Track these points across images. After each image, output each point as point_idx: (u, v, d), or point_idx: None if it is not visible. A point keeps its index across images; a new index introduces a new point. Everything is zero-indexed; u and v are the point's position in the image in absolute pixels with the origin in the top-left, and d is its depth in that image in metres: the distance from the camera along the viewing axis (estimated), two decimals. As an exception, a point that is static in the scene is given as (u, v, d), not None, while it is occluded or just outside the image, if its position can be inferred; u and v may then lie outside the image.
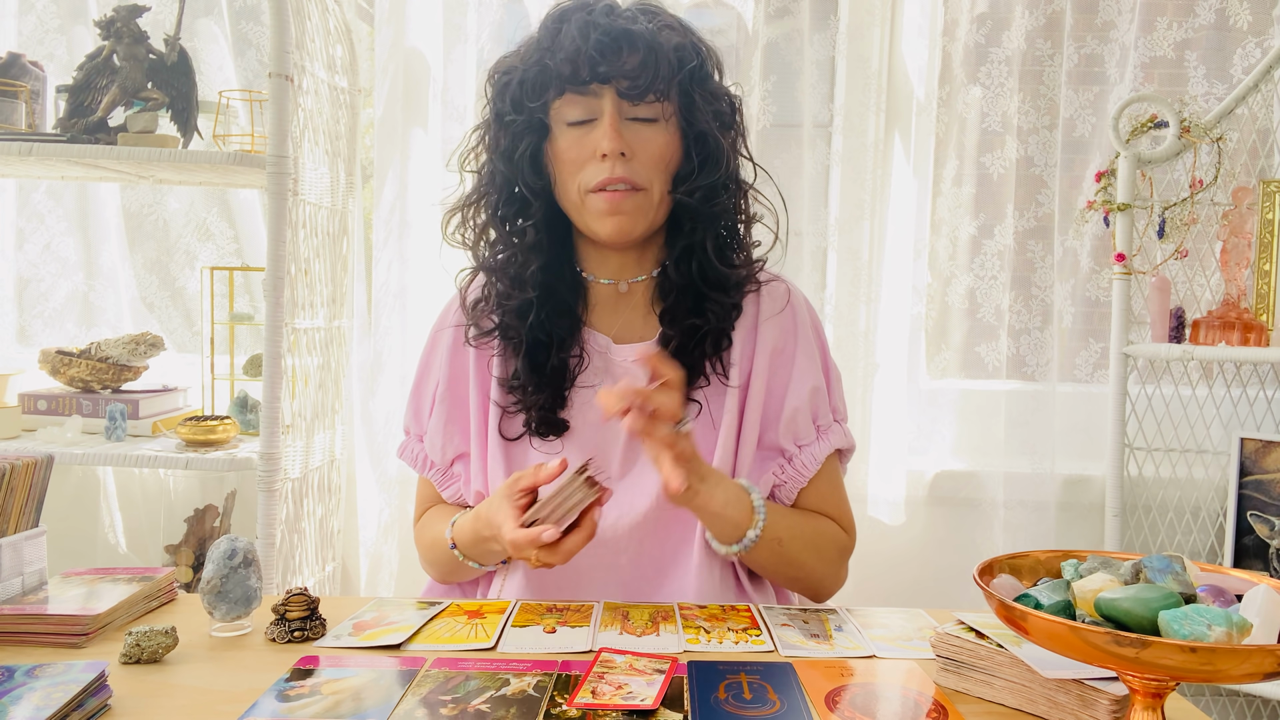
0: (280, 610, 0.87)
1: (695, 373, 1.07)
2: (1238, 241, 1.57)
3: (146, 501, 1.89)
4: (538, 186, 1.04)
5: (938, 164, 1.82)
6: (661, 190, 1.03)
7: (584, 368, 1.09)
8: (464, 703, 0.72)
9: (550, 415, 1.07)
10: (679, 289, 1.07)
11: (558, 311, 1.08)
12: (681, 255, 1.06)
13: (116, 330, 1.89)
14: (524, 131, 1.02)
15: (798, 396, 1.09)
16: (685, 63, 1.00)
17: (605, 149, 0.98)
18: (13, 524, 0.89)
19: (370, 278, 1.85)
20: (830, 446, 1.10)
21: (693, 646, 0.86)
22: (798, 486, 1.09)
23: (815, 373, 1.11)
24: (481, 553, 1.03)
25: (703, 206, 1.03)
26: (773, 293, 1.12)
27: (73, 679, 0.70)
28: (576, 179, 1.02)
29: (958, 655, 0.79)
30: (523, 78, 1.00)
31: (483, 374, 1.11)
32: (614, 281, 1.11)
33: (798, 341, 1.11)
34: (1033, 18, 1.76)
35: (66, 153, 1.48)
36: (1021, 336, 1.81)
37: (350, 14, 1.80)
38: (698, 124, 1.02)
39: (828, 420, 1.11)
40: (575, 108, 1.00)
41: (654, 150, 1.01)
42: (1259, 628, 0.60)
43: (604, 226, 1.02)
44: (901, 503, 1.81)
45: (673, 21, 1.04)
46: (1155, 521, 1.73)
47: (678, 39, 1.01)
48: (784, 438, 1.09)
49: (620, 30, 0.97)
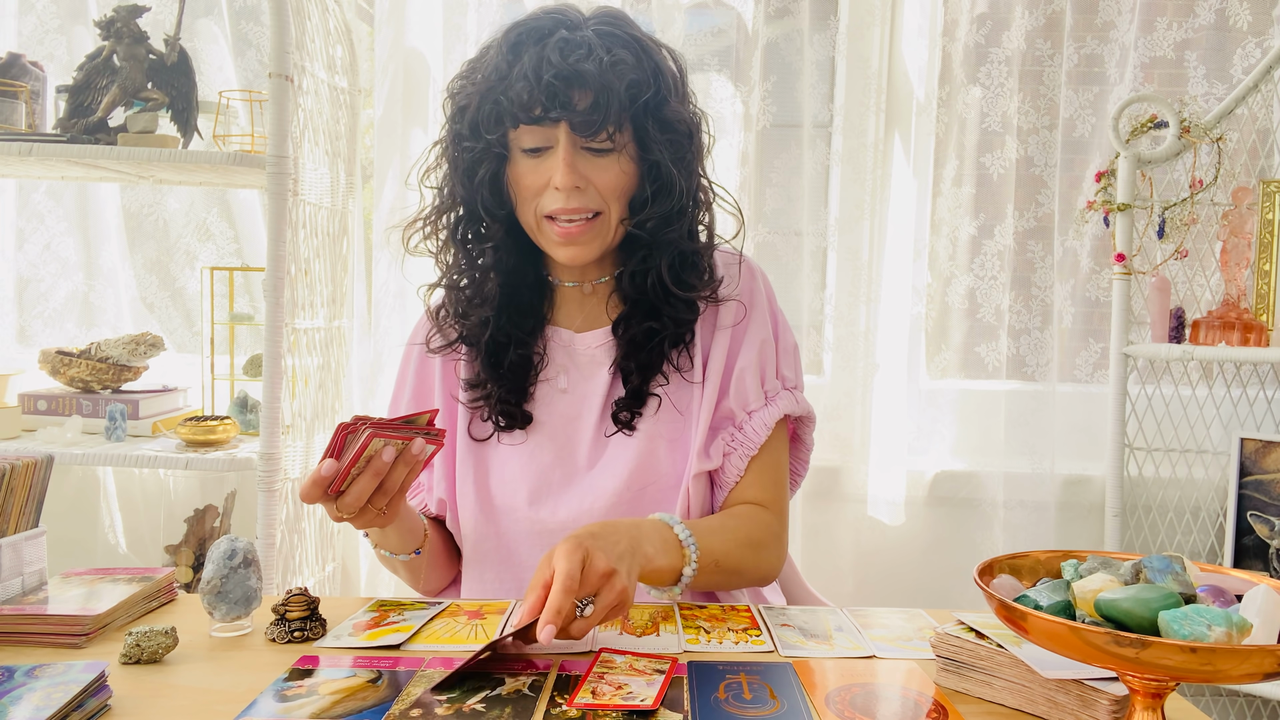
0: (280, 610, 0.87)
1: (653, 370, 1.08)
2: (1238, 241, 1.57)
3: (146, 502, 1.89)
4: (497, 211, 1.05)
5: (938, 164, 1.82)
6: (619, 212, 1.04)
7: (545, 364, 1.11)
8: (459, 702, 0.72)
9: (513, 409, 1.09)
10: (633, 300, 1.08)
11: (520, 313, 1.10)
12: (635, 272, 1.07)
13: (116, 330, 1.89)
14: (482, 157, 1.03)
15: (745, 358, 1.09)
16: (639, 97, 1.00)
17: (558, 183, 0.99)
18: (13, 524, 0.89)
19: (370, 278, 1.85)
20: (779, 411, 1.09)
21: (693, 646, 0.86)
22: (749, 454, 1.08)
23: (763, 333, 1.11)
24: (378, 539, 1.03)
25: (656, 235, 1.04)
26: (730, 278, 1.11)
27: (73, 679, 0.70)
28: (533, 204, 1.03)
29: (958, 655, 0.79)
30: (479, 107, 1.01)
31: (449, 379, 1.14)
32: (578, 284, 1.13)
33: (752, 311, 1.12)
34: (1033, 18, 1.76)
35: (66, 153, 1.48)
36: (1021, 337, 1.81)
37: (350, 14, 1.80)
38: (651, 154, 1.02)
39: (775, 386, 1.11)
40: (531, 136, 1.00)
41: (608, 180, 1.02)
42: (1259, 628, 0.59)
43: (559, 254, 1.04)
44: (901, 503, 1.81)
45: (631, 49, 1.01)
46: (1155, 521, 1.73)
47: (633, 74, 0.99)
48: (735, 402, 1.09)
49: (571, 72, 0.96)
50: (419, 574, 1.12)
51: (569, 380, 1.11)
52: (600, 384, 1.10)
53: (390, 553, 1.05)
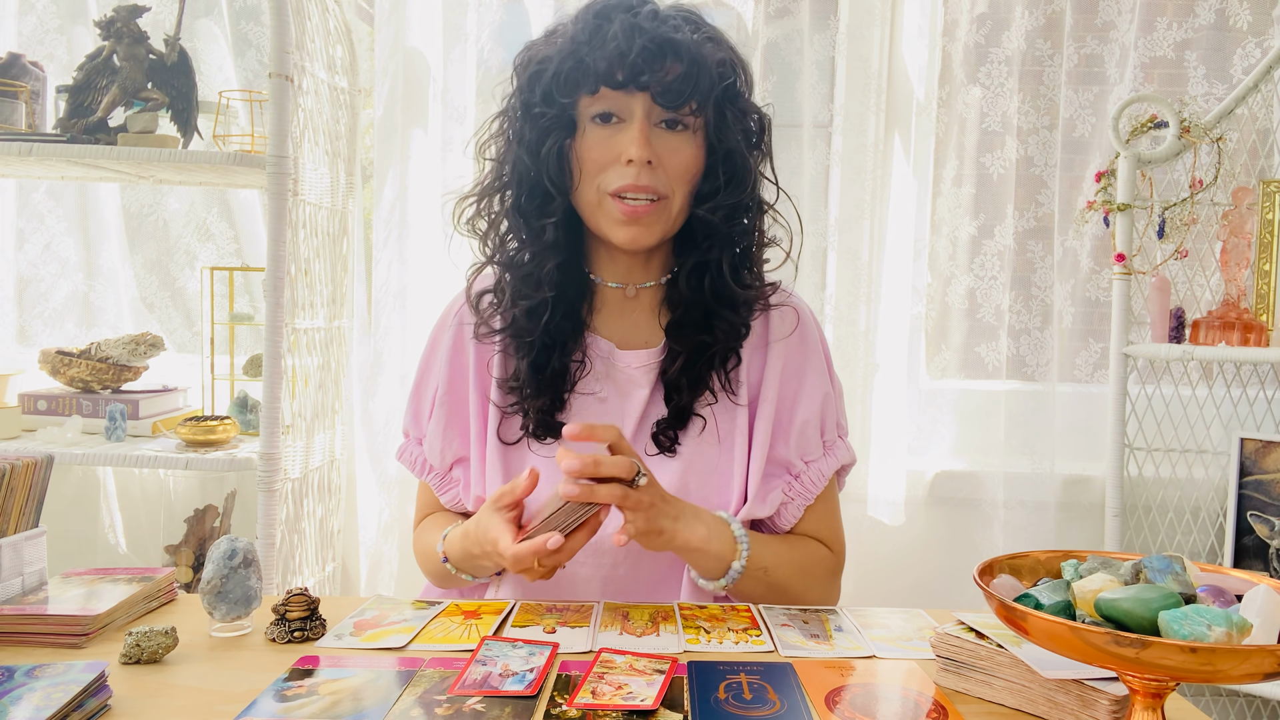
0: (280, 610, 0.87)
1: (701, 386, 1.05)
2: (1238, 241, 1.57)
3: (146, 502, 1.89)
4: (562, 184, 1.01)
5: (937, 164, 1.82)
6: (682, 200, 1.01)
7: (585, 373, 1.07)
8: (459, 702, 0.72)
9: (548, 418, 1.06)
10: (688, 303, 1.05)
11: (563, 314, 1.06)
12: (694, 269, 1.05)
13: (116, 330, 1.89)
14: (552, 126, 0.99)
15: (807, 410, 1.08)
16: (725, 78, 0.98)
17: (632, 155, 0.97)
18: (13, 524, 0.89)
19: (370, 278, 1.84)
20: (837, 462, 1.10)
21: (693, 646, 0.86)
22: (805, 503, 1.08)
23: (824, 386, 1.10)
24: (473, 568, 1.03)
25: (724, 225, 1.02)
26: (784, 315, 1.10)
27: (73, 679, 0.70)
28: (597, 180, 1.00)
29: (958, 655, 0.79)
30: (557, 69, 0.97)
31: (482, 375, 1.10)
32: (622, 285, 1.09)
33: (807, 359, 1.10)
34: (1032, 18, 1.76)
35: (66, 153, 1.48)
36: (1021, 337, 1.81)
37: (350, 14, 1.80)
38: (727, 141, 1.00)
39: (833, 436, 1.11)
40: (604, 103, 0.98)
41: (680, 160, 0.99)
42: (1259, 628, 0.60)
43: (619, 234, 1.00)
44: (901, 503, 1.81)
45: (715, 34, 1.02)
46: (1155, 521, 1.73)
47: (720, 54, 0.99)
48: (793, 452, 1.08)
49: (665, 38, 0.95)
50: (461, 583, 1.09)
51: (609, 390, 1.07)
52: (638, 402, 1.06)
53: (474, 577, 1.05)
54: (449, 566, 1.04)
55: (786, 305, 1.11)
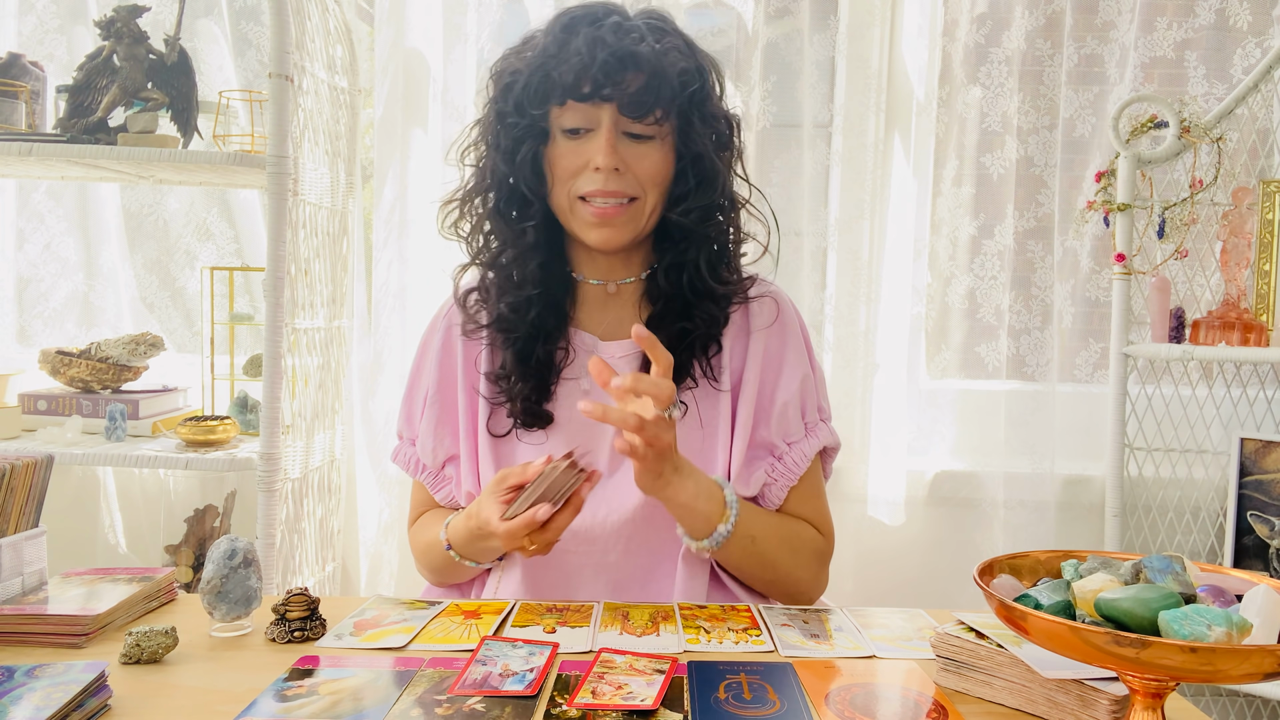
0: (280, 610, 0.87)
1: (683, 373, 1.08)
2: (1238, 241, 1.57)
3: (146, 502, 1.89)
4: (538, 189, 1.05)
5: (938, 164, 1.82)
6: (655, 201, 1.05)
7: (569, 361, 1.10)
8: (459, 702, 0.72)
9: (534, 406, 1.08)
10: (668, 297, 1.08)
11: (547, 309, 1.09)
12: (671, 266, 1.08)
13: (116, 330, 1.89)
14: (525, 135, 1.03)
15: (787, 391, 1.10)
16: (688, 86, 1.01)
17: (599, 163, 1.00)
18: (13, 524, 0.89)
19: (370, 278, 1.84)
20: (819, 443, 1.11)
21: (693, 646, 0.86)
22: (788, 485, 1.09)
23: (803, 368, 1.12)
24: (476, 551, 1.04)
25: (697, 226, 1.05)
26: (764, 305, 1.13)
27: (73, 679, 0.70)
28: (568, 186, 1.03)
29: (958, 655, 0.79)
30: (526, 82, 1.01)
31: (470, 372, 1.13)
32: (603, 282, 1.12)
33: (786, 343, 1.12)
34: (1033, 18, 1.76)
35: (66, 153, 1.48)
36: (1021, 336, 1.81)
37: (350, 14, 1.80)
38: (695, 146, 1.03)
39: (815, 418, 1.13)
40: (574, 116, 1.01)
41: (647, 167, 1.02)
42: (1259, 628, 0.60)
43: (591, 235, 1.04)
44: (901, 503, 1.81)
45: (679, 42, 1.04)
46: (1155, 521, 1.73)
47: (683, 62, 1.01)
48: (775, 434, 1.09)
49: (627, 51, 0.97)
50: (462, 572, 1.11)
51: (591, 382, 1.10)
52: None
53: (476, 563, 1.07)
54: (453, 554, 1.06)
55: (766, 295, 1.13)
